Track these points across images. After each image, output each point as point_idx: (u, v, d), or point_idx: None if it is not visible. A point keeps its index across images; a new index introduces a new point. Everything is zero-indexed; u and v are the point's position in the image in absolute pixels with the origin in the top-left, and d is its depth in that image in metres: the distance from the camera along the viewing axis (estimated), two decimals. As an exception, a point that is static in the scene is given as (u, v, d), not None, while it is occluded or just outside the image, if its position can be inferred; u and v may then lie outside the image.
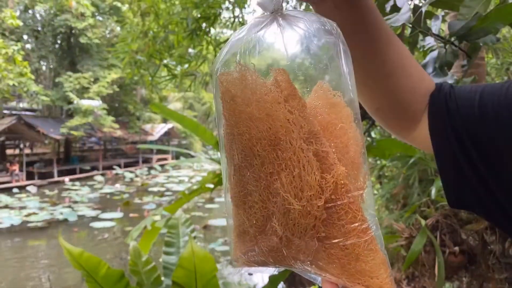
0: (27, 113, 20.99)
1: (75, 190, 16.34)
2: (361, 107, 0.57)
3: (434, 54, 1.24)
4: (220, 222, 10.55)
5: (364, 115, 1.70)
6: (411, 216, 2.80)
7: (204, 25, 4.18)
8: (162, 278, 2.58)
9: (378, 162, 3.64)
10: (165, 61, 4.93)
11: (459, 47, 1.24)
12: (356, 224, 0.44)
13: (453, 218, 2.51)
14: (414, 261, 2.40)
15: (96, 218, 11.22)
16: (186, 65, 4.86)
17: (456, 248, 2.43)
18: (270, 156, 0.44)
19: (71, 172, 20.30)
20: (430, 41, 1.31)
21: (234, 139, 0.47)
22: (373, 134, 3.12)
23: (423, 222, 2.45)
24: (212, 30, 4.75)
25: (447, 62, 1.20)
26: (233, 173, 0.48)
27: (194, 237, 2.84)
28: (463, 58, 1.34)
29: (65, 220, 11.27)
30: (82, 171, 20.90)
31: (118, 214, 11.68)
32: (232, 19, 4.66)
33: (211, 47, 4.50)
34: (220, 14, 4.22)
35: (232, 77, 0.46)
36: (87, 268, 2.30)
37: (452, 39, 1.18)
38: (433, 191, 2.37)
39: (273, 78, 0.45)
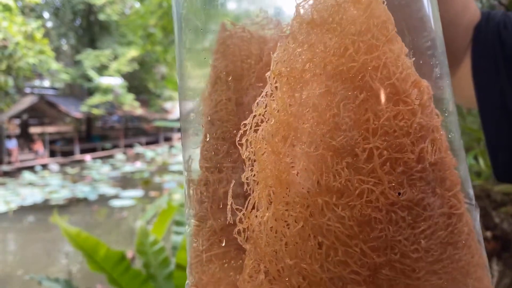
0: (49, 91, 21.19)
1: (96, 168, 16.48)
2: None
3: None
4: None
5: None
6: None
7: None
8: (172, 259, 2.47)
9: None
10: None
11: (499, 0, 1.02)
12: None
13: (485, 200, 2.29)
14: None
15: (116, 197, 11.24)
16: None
17: (488, 233, 2.21)
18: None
19: (92, 150, 20.49)
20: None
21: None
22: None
23: (450, 203, 2.20)
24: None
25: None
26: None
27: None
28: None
29: (85, 198, 11.34)
30: (103, 149, 21.11)
31: (138, 193, 11.67)
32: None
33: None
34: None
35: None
36: (85, 248, 2.24)
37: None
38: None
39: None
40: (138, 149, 21.31)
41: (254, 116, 0.27)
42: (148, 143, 24.06)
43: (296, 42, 0.27)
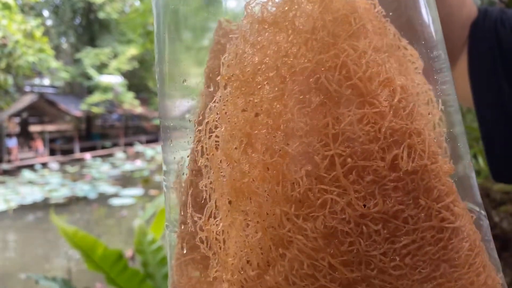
0: (49, 90, 21.18)
1: (96, 167, 16.46)
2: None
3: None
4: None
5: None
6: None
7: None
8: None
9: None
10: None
11: (499, -4, 1.01)
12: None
13: (484, 199, 2.27)
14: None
15: (116, 195, 11.24)
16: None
17: (487, 232, 2.20)
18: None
19: (92, 148, 20.50)
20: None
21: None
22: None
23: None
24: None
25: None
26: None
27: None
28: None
29: (85, 197, 11.33)
30: (103, 147, 21.11)
31: (138, 191, 11.67)
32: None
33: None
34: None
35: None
36: (83, 247, 2.24)
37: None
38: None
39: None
40: (138, 147, 21.30)
41: (207, 122, 0.26)
42: (148, 142, 24.05)
43: (247, 44, 0.25)
